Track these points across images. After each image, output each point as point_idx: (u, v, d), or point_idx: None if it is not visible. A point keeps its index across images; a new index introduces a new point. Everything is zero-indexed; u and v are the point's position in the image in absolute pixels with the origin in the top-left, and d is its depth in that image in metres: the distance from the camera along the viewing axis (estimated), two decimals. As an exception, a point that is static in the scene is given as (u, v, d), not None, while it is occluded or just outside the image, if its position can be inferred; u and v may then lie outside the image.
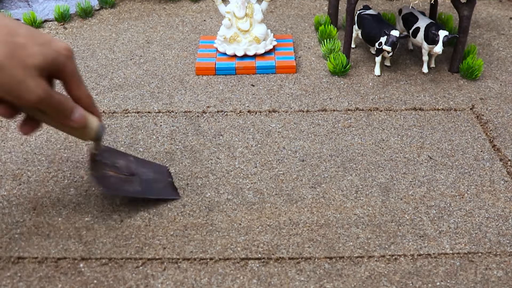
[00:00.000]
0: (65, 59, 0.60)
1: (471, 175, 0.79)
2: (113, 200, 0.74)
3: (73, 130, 0.64)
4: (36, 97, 0.56)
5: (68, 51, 0.60)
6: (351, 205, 0.73)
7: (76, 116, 0.62)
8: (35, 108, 0.59)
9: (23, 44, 0.55)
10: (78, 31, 1.27)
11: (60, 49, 0.59)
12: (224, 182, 0.77)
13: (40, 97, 0.56)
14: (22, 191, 0.76)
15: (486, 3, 1.41)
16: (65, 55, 0.59)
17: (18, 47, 0.55)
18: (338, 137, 0.87)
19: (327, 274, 0.63)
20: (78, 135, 0.66)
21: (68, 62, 0.60)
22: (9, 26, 0.56)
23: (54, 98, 0.58)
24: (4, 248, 0.66)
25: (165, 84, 1.03)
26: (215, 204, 0.74)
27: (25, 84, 0.55)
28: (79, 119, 0.62)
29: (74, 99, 0.63)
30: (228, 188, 0.76)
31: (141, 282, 0.62)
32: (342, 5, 1.28)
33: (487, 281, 0.62)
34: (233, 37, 1.08)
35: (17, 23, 0.57)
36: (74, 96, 0.63)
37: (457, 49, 1.05)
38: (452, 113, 0.94)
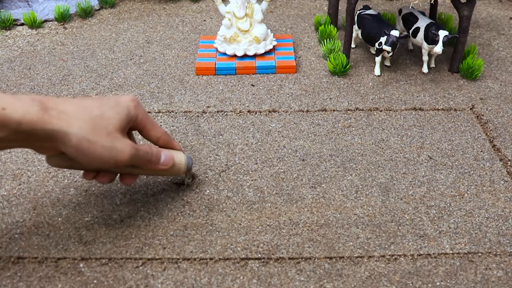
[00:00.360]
0: (135, 110, 0.64)
1: (471, 175, 0.79)
2: (113, 200, 0.74)
3: (167, 171, 0.69)
4: (128, 156, 0.61)
5: (134, 101, 0.64)
6: (351, 205, 0.73)
7: (164, 160, 0.67)
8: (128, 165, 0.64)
9: (100, 115, 0.60)
10: (78, 31, 1.27)
11: (128, 102, 0.63)
12: (224, 178, 0.77)
13: (131, 154, 0.61)
14: (22, 191, 0.76)
15: (486, 3, 1.41)
16: (134, 106, 0.64)
17: (97, 118, 0.59)
18: (338, 137, 0.87)
19: (327, 274, 0.63)
20: (172, 174, 0.71)
21: (138, 111, 0.65)
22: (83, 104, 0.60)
23: (141, 150, 0.63)
24: (4, 248, 0.66)
25: (165, 84, 1.03)
26: (215, 203, 0.74)
27: (115, 148, 0.60)
28: (167, 161, 0.68)
29: (153, 140, 0.69)
30: (228, 184, 0.76)
31: (141, 282, 0.62)
32: (342, 5, 1.28)
33: (487, 281, 0.62)
34: (233, 37, 1.08)
35: (83, 98, 0.62)
36: (153, 137, 0.68)
37: (457, 49, 1.05)
38: (452, 113, 0.94)
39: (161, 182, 0.77)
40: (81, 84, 1.04)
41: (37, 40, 1.22)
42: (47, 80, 1.05)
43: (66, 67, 1.10)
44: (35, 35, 1.25)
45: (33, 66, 1.11)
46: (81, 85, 1.03)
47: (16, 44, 1.21)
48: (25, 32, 1.25)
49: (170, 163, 0.68)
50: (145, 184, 0.77)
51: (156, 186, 0.77)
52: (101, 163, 0.60)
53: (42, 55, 1.15)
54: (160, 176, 0.76)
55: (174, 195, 0.75)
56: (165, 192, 0.75)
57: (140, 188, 0.76)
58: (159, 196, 0.75)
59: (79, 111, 0.59)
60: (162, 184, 0.77)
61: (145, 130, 0.67)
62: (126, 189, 0.76)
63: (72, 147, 0.58)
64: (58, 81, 1.05)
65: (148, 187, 0.76)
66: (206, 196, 0.75)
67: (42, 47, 1.19)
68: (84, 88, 1.02)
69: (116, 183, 0.77)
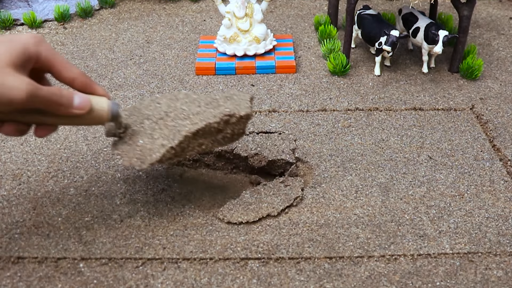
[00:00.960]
0: (36, 46, 0.57)
1: (471, 175, 0.79)
2: (113, 200, 0.74)
3: (86, 119, 0.60)
4: (24, 93, 0.53)
5: (36, 37, 0.57)
6: (351, 205, 0.73)
7: (78, 102, 0.58)
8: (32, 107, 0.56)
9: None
10: (78, 31, 1.27)
11: (26, 39, 0.57)
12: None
13: (28, 90, 0.53)
14: (22, 191, 0.76)
15: (486, 3, 1.41)
16: (34, 42, 0.57)
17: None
18: (338, 137, 0.87)
19: (327, 274, 0.63)
20: (93, 122, 0.61)
21: (41, 47, 0.58)
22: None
23: (43, 90, 0.55)
24: (4, 248, 0.66)
25: (165, 84, 1.03)
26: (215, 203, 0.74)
27: (6, 85, 0.53)
28: (83, 104, 0.59)
29: (69, 83, 0.60)
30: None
31: (141, 282, 0.62)
32: (342, 5, 1.28)
33: (487, 281, 0.62)
34: (233, 37, 1.08)
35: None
36: (66, 78, 0.60)
37: (457, 49, 1.05)
38: (452, 113, 0.94)
39: (161, 182, 0.77)
40: (81, 84, 1.04)
41: (37, 40, 1.22)
42: (47, 80, 1.05)
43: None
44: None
45: (33, 66, 1.11)
46: (81, 85, 1.03)
47: (16, 44, 1.20)
48: (25, 32, 1.25)
49: (87, 106, 0.59)
50: (145, 184, 0.77)
51: (156, 186, 0.77)
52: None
53: (42, 55, 1.15)
54: (80, 126, 0.66)
55: (174, 195, 0.75)
56: (165, 192, 0.75)
57: (140, 188, 0.76)
58: (159, 196, 0.75)
59: None
60: (162, 184, 0.77)
61: (54, 70, 0.59)
62: (126, 189, 0.76)
63: None
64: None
65: (148, 187, 0.76)
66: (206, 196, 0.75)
67: (42, 47, 1.19)
68: (84, 88, 1.02)
69: (116, 183, 0.77)
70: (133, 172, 0.79)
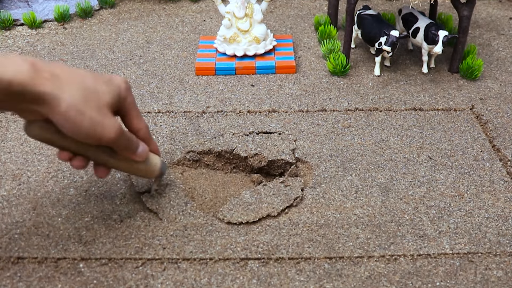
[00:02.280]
0: (125, 92, 0.63)
1: (471, 175, 0.79)
2: (113, 200, 0.74)
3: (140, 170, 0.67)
4: (114, 133, 0.59)
5: (127, 83, 0.63)
6: (351, 205, 0.73)
7: (140, 150, 0.65)
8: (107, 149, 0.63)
9: (93, 87, 0.58)
10: (78, 31, 1.27)
11: (120, 83, 0.62)
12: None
13: (117, 132, 0.59)
14: (22, 191, 0.76)
15: (486, 3, 1.41)
16: (125, 88, 0.62)
17: (90, 90, 0.57)
18: (338, 137, 0.87)
19: (327, 274, 0.63)
20: (145, 174, 0.69)
21: (128, 94, 0.63)
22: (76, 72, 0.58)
23: (126, 133, 0.62)
24: (4, 248, 0.66)
25: (165, 84, 1.03)
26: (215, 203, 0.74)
27: (103, 123, 0.57)
28: (143, 153, 0.65)
29: (134, 131, 0.66)
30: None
31: (141, 282, 0.62)
32: (342, 5, 1.28)
33: (487, 281, 0.62)
34: (233, 37, 1.08)
35: (77, 68, 0.60)
36: (134, 127, 0.66)
37: (457, 49, 1.05)
38: (452, 113, 0.94)
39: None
40: (81, 84, 1.04)
41: (37, 40, 1.22)
42: (47, 80, 1.05)
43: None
44: (35, 35, 1.25)
45: (33, 66, 1.11)
46: (81, 85, 1.03)
47: (16, 44, 1.20)
48: (25, 32, 1.25)
49: (145, 156, 0.66)
50: (145, 184, 0.77)
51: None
52: (86, 137, 0.58)
53: (42, 55, 1.15)
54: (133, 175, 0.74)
55: (174, 195, 0.75)
56: (165, 192, 0.75)
57: (140, 188, 0.76)
58: (159, 196, 0.74)
59: (72, 78, 0.56)
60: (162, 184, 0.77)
61: (128, 117, 0.65)
62: (126, 189, 0.76)
63: (60, 114, 0.55)
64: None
65: (148, 187, 0.76)
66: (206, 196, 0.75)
67: (42, 47, 1.19)
68: (84, 88, 1.02)
69: (116, 183, 0.77)
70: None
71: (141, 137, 0.67)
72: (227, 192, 0.77)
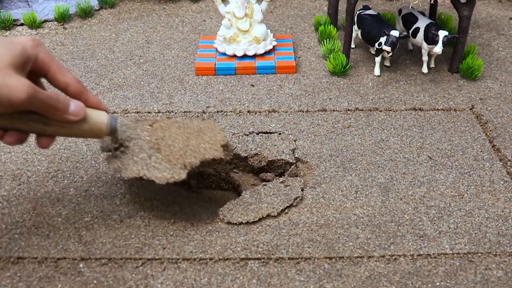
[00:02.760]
0: (34, 49, 0.58)
1: (471, 175, 0.79)
2: (113, 200, 0.74)
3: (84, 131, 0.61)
4: (25, 94, 0.54)
5: (33, 40, 0.58)
6: (351, 205, 0.73)
7: (73, 108, 0.59)
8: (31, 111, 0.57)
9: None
10: (78, 31, 1.27)
11: (24, 41, 0.57)
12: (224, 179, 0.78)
13: (28, 92, 0.54)
14: (22, 191, 0.76)
15: (486, 3, 1.41)
16: (32, 45, 0.58)
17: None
18: (338, 137, 0.87)
19: (327, 274, 0.63)
20: (92, 135, 0.63)
21: (38, 50, 0.58)
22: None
23: (42, 93, 0.56)
24: (4, 248, 0.66)
25: (164, 84, 1.03)
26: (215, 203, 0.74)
27: (7, 85, 0.53)
28: (77, 110, 0.59)
29: (61, 87, 0.61)
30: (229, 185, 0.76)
31: (141, 282, 0.62)
32: (342, 5, 1.28)
33: (487, 281, 0.62)
34: (233, 37, 1.08)
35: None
36: (60, 83, 0.61)
37: (457, 49, 1.05)
38: (452, 113, 0.94)
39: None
40: (81, 84, 1.04)
41: (37, 40, 1.22)
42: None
43: (66, 67, 1.10)
44: (35, 35, 1.25)
45: (33, 66, 1.11)
46: (81, 85, 1.03)
47: (16, 44, 1.20)
48: (25, 32, 1.25)
49: (81, 113, 0.59)
50: (145, 183, 0.77)
51: (156, 186, 0.76)
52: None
53: (42, 55, 1.15)
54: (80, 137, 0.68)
55: (138, 149, 0.74)
56: (165, 192, 0.75)
57: (140, 188, 0.76)
58: (159, 196, 0.74)
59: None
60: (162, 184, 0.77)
61: (50, 75, 0.60)
62: (126, 189, 0.76)
63: None
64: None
65: (148, 187, 0.76)
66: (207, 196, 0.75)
67: (42, 47, 1.19)
68: (84, 88, 1.02)
69: (116, 183, 0.77)
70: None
71: (73, 93, 0.61)
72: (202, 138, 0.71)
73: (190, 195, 0.71)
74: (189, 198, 0.77)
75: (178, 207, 0.74)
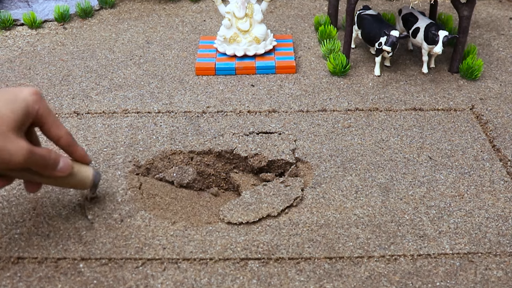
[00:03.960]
0: (35, 104, 0.60)
1: (471, 175, 0.79)
2: (113, 200, 0.74)
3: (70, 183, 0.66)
4: (22, 157, 0.57)
5: (35, 94, 0.60)
6: (351, 205, 0.73)
7: (61, 166, 0.62)
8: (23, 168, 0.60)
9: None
10: (78, 31, 1.27)
11: (27, 96, 0.59)
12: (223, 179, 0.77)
13: (25, 156, 0.57)
14: (22, 191, 0.76)
15: (486, 3, 1.41)
16: (34, 100, 0.60)
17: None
18: (338, 137, 0.87)
19: (327, 274, 0.63)
20: (76, 187, 0.67)
21: (39, 105, 0.60)
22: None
23: (37, 153, 0.59)
24: (4, 248, 0.66)
25: (165, 84, 1.03)
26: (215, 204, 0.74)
27: (7, 150, 0.56)
28: (65, 168, 0.63)
29: (54, 139, 0.64)
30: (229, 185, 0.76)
31: (141, 282, 0.62)
32: (342, 5, 1.28)
33: (487, 281, 0.62)
34: (233, 37, 1.08)
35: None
36: (53, 136, 0.63)
37: (457, 49, 1.05)
38: (452, 113, 0.94)
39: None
40: (81, 84, 1.04)
41: (37, 40, 1.22)
42: (47, 81, 1.05)
43: (66, 67, 1.10)
44: (35, 35, 1.25)
45: (33, 66, 1.11)
46: (81, 85, 1.03)
47: (16, 44, 1.21)
48: (25, 32, 1.25)
49: (67, 170, 0.63)
50: (145, 184, 0.77)
51: (157, 185, 0.76)
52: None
53: (42, 55, 1.15)
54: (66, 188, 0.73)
55: (174, 195, 0.75)
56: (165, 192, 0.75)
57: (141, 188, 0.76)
58: (158, 195, 0.74)
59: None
60: (161, 183, 0.77)
61: (45, 127, 0.62)
62: (126, 188, 0.76)
63: None
64: (58, 81, 1.05)
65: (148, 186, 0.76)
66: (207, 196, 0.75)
67: (42, 47, 1.19)
68: (84, 88, 1.02)
69: (116, 183, 0.77)
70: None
71: (63, 146, 0.64)
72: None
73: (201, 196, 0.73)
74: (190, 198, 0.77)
75: (179, 207, 0.74)
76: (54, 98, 0.99)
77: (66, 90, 1.02)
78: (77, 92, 1.01)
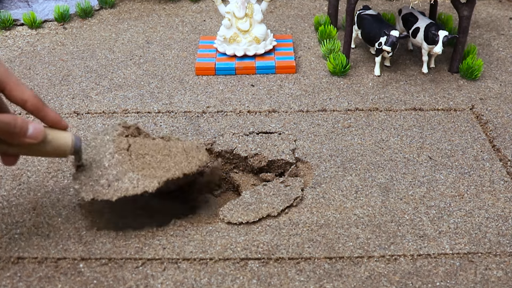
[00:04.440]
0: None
1: (471, 175, 0.79)
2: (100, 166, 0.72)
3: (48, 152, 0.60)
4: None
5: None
6: (351, 205, 0.73)
7: (31, 132, 0.57)
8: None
9: None
10: (78, 31, 1.27)
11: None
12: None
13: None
14: (22, 191, 0.76)
15: (486, 3, 1.41)
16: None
17: None
18: (338, 137, 0.87)
19: (327, 274, 0.63)
20: (56, 155, 0.62)
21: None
22: None
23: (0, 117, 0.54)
24: (4, 248, 0.66)
25: (165, 84, 1.03)
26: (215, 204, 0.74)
27: None
28: (36, 134, 0.58)
29: (19, 103, 0.59)
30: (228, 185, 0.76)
31: (141, 282, 0.62)
32: (342, 5, 1.28)
33: (487, 281, 0.62)
34: (233, 37, 1.08)
35: None
36: (17, 99, 0.59)
37: (457, 49, 1.05)
38: (452, 113, 0.94)
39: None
40: (81, 84, 1.04)
41: (37, 40, 1.22)
42: (47, 80, 1.05)
43: (66, 67, 1.10)
44: (35, 35, 1.25)
45: (33, 66, 1.11)
46: (81, 85, 1.03)
47: (16, 44, 1.21)
48: (25, 32, 1.25)
49: (39, 137, 0.58)
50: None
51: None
52: None
53: (42, 55, 1.15)
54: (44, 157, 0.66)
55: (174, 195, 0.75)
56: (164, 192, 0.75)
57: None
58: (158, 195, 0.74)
59: None
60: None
61: (7, 91, 0.58)
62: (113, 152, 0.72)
63: None
64: (58, 81, 1.05)
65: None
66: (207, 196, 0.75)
67: (42, 47, 1.19)
68: (84, 88, 1.02)
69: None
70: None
71: (31, 111, 0.59)
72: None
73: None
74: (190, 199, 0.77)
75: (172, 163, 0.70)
76: (54, 98, 0.99)
77: (66, 90, 1.02)
78: (77, 92, 1.01)
